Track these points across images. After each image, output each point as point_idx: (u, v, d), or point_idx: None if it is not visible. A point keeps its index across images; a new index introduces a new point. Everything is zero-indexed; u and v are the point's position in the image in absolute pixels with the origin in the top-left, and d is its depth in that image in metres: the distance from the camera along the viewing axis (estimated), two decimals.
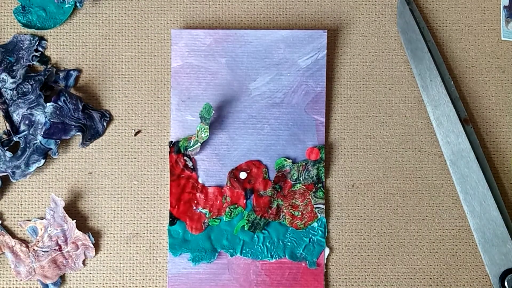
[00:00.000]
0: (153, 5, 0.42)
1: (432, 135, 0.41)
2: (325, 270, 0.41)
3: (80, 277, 0.41)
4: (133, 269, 0.41)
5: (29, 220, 0.41)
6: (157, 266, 0.41)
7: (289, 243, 0.41)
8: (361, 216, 0.41)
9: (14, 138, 0.40)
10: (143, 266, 0.41)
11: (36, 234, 0.41)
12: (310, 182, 0.41)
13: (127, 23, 0.42)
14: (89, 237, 0.40)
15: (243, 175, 0.41)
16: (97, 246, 0.41)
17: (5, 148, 0.40)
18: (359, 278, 0.41)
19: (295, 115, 0.41)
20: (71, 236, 0.40)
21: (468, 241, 0.41)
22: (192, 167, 0.41)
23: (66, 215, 0.40)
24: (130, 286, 0.41)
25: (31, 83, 0.40)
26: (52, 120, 0.39)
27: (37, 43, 0.41)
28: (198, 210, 0.41)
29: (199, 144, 0.40)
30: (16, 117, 0.40)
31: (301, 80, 0.41)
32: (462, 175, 0.40)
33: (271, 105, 0.41)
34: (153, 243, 0.41)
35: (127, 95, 0.41)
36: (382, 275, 0.41)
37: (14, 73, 0.41)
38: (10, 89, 0.40)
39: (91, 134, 0.41)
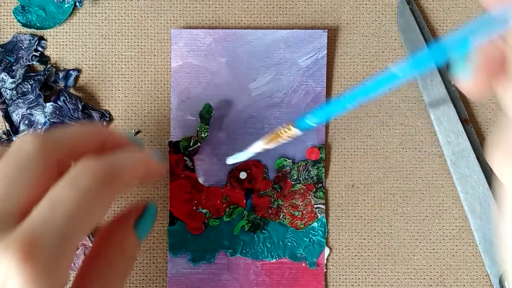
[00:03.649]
0: (153, 5, 0.42)
1: (432, 135, 0.41)
2: (325, 270, 0.41)
3: None
4: (133, 269, 0.41)
5: None
6: (156, 266, 0.41)
7: (289, 243, 0.41)
8: (361, 216, 0.41)
9: (14, 138, 0.40)
10: (143, 267, 0.41)
11: None
12: (310, 182, 0.41)
13: (127, 22, 0.42)
14: (89, 237, 0.40)
15: (243, 175, 0.41)
16: None
17: None
18: (359, 278, 0.41)
19: (295, 115, 0.41)
20: None
21: (469, 241, 0.41)
22: (192, 167, 0.41)
23: None
24: (130, 287, 0.41)
25: (30, 83, 0.40)
26: (51, 120, 0.39)
27: (36, 43, 0.41)
28: (198, 210, 0.41)
29: (199, 144, 0.40)
30: (15, 117, 0.40)
31: (301, 80, 0.41)
32: (463, 175, 0.40)
33: (271, 105, 0.41)
34: (153, 243, 0.41)
35: (127, 95, 0.41)
36: (382, 275, 0.41)
37: (13, 73, 0.40)
38: (10, 89, 0.40)
39: None
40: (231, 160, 0.40)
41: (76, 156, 0.30)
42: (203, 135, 0.39)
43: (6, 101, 0.40)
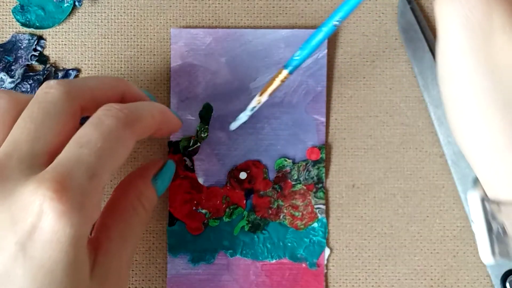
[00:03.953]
0: (152, 4, 0.41)
1: (433, 135, 0.41)
2: (326, 270, 0.41)
3: None
4: (132, 270, 0.41)
5: None
6: (156, 267, 0.41)
7: (289, 244, 0.40)
8: (362, 216, 0.41)
9: None
10: (142, 267, 0.41)
11: None
12: (310, 182, 0.41)
13: (126, 22, 0.41)
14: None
15: (243, 175, 0.41)
16: None
17: None
18: (359, 279, 0.41)
19: (296, 115, 0.41)
20: None
21: (470, 242, 0.41)
22: (191, 167, 0.40)
23: None
24: (129, 287, 0.41)
25: (30, 82, 0.40)
26: None
27: (35, 42, 0.41)
28: (198, 211, 0.40)
29: (198, 144, 0.40)
30: None
31: (301, 79, 0.41)
32: (464, 175, 0.40)
33: (271, 105, 0.41)
34: (153, 243, 0.41)
35: None
36: (382, 275, 0.41)
37: (12, 73, 0.40)
38: (9, 89, 0.40)
39: None
40: (234, 125, 0.39)
41: (97, 104, 0.32)
42: (202, 135, 0.39)
43: None
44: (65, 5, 0.41)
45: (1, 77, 0.40)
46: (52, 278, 0.28)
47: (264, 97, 0.37)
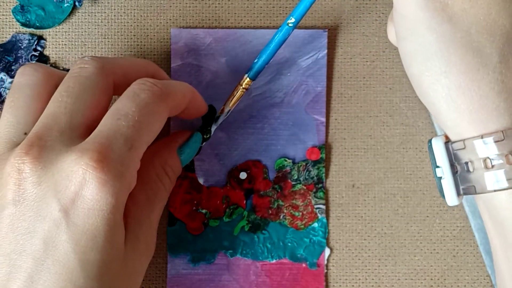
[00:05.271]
0: (152, 4, 0.41)
1: (433, 135, 0.41)
2: (326, 270, 0.41)
3: None
4: None
5: None
6: (156, 267, 0.41)
7: (289, 244, 0.40)
8: (362, 216, 0.41)
9: None
10: None
11: None
12: (310, 182, 0.41)
13: (126, 22, 0.41)
14: None
15: (243, 175, 0.41)
16: None
17: None
18: (359, 279, 0.41)
19: (296, 115, 0.41)
20: None
21: (470, 242, 0.41)
22: (192, 167, 0.40)
23: None
24: None
25: None
26: None
27: (36, 42, 0.41)
28: (198, 211, 0.40)
29: (200, 145, 0.40)
30: None
31: (301, 79, 0.41)
32: None
33: (271, 105, 0.41)
34: None
35: None
36: (382, 275, 0.41)
37: (12, 73, 0.40)
38: (9, 89, 0.40)
39: None
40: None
41: (129, 82, 0.33)
42: (205, 136, 0.39)
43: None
44: (65, 5, 0.41)
45: (1, 77, 0.40)
46: (94, 244, 0.29)
47: (228, 107, 0.38)
